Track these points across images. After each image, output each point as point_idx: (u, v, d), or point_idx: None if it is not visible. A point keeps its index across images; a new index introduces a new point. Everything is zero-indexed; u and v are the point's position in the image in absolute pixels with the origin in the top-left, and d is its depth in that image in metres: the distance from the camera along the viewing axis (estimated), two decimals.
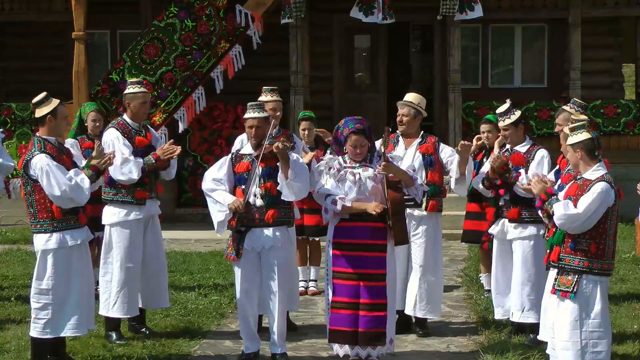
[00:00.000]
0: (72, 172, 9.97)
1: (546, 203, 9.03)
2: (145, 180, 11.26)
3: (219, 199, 10.50)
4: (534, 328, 10.92)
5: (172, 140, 12.19)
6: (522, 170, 10.69)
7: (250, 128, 10.57)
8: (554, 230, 9.41)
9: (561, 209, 8.87)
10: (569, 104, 11.17)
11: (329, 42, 22.60)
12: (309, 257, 14.07)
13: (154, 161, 11.13)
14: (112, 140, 11.04)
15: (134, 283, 11.32)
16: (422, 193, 10.95)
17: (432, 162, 11.34)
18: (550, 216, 9.08)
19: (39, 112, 10.45)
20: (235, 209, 10.32)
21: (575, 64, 20.49)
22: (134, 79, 12.34)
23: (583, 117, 10.06)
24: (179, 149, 11.66)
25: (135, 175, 10.85)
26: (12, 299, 13.45)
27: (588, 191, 8.99)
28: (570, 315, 9.19)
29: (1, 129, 15.54)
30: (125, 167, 10.82)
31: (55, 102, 10.50)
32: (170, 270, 14.85)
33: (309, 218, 13.19)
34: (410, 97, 11.56)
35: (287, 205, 10.65)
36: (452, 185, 11.63)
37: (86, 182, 9.97)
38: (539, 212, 9.28)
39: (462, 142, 11.39)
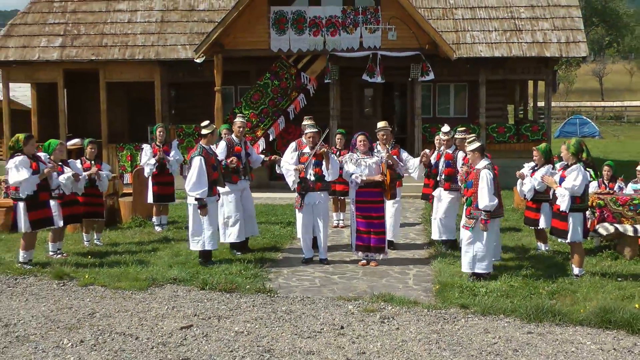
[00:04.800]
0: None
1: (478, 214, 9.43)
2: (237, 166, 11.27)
3: (287, 170, 10.85)
4: (452, 243, 11.46)
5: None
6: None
7: (309, 138, 10.75)
8: (465, 198, 9.76)
9: (485, 203, 9.28)
10: (458, 132, 11.68)
11: (350, 92, 22.46)
12: (339, 207, 14.03)
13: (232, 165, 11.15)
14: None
15: (240, 223, 11.26)
16: (403, 171, 11.38)
17: (398, 161, 11.31)
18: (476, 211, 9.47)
19: (205, 130, 10.63)
20: (298, 169, 10.68)
21: (482, 104, 20.28)
22: (238, 114, 12.43)
23: (472, 136, 10.40)
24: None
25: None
26: (183, 228, 13.53)
27: (479, 181, 9.33)
28: (468, 240, 9.55)
29: (177, 139, 15.66)
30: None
31: (213, 126, 10.81)
32: (265, 214, 14.94)
33: (339, 186, 13.13)
34: (381, 124, 11.37)
35: (326, 180, 10.78)
36: (413, 175, 11.61)
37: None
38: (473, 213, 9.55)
39: (424, 153, 11.71)
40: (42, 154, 10.76)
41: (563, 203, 9.41)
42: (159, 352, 6.94)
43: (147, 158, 13.50)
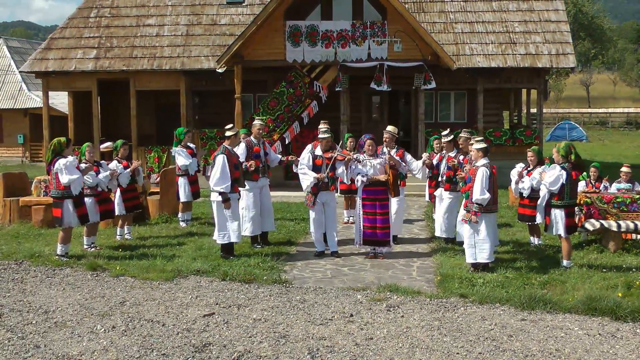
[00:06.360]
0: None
1: (472, 207, 9.44)
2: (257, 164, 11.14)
3: (305, 174, 10.65)
4: (452, 240, 11.33)
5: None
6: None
7: (321, 141, 10.72)
8: (464, 191, 9.69)
9: (476, 195, 9.28)
10: (463, 132, 11.52)
11: (359, 99, 22.43)
12: (350, 204, 13.94)
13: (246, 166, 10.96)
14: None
15: (256, 218, 11.16)
16: (405, 170, 11.31)
17: (400, 161, 11.19)
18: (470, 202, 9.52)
19: (229, 133, 10.58)
20: (320, 179, 10.52)
21: (480, 110, 20.26)
22: (257, 117, 12.38)
23: (480, 137, 10.23)
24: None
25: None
26: (205, 223, 13.56)
27: (476, 177, 9.33)
28: (469, 232, 9.45)
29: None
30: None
31: (236, 129, 10.73)
32: (281, 211, 14.88)
33: (350, 186, 13.04)
34: (389, 128, 11.34)
35: (336, 182, 10.73)
36: (418, 175, 11.61)
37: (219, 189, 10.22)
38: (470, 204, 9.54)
39: (425, 159, 11.58)
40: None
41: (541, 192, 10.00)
42: (184, 338, 6.93)
43: (189, 159, 13.39)
